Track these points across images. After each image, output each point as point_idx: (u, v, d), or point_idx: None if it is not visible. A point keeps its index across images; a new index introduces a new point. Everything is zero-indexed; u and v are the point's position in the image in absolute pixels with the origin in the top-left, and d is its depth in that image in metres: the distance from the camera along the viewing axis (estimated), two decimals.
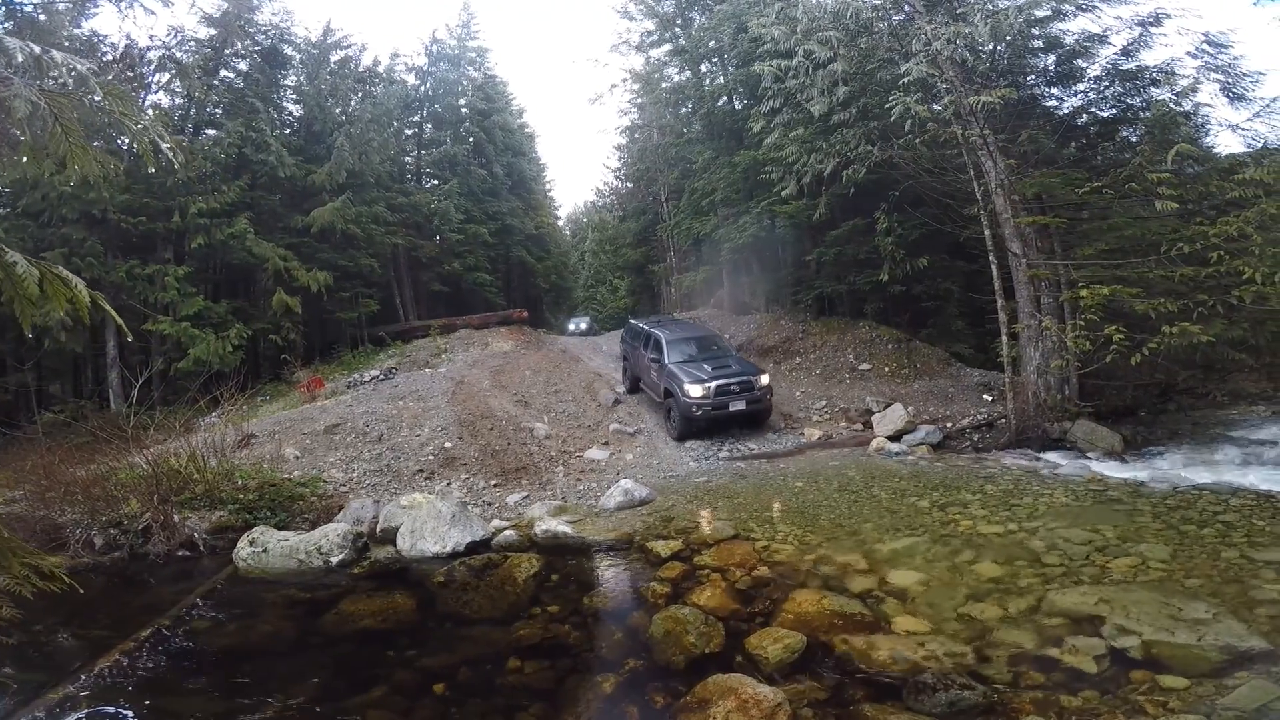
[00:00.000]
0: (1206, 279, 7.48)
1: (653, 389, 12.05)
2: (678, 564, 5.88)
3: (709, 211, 19.96)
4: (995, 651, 4.00)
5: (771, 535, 6.38)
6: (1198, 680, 3.36)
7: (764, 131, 13.83)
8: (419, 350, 18.71)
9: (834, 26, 11.10)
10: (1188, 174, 8.87)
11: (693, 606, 4.97)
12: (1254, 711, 2.96)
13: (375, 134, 22.53)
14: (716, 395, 10.39)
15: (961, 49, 9.51)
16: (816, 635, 4.40)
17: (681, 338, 12.07)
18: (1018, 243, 9.50)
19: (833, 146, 12.10)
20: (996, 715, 3.37)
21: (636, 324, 13.89)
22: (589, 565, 6.21)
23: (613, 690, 4.05)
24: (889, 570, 5.38)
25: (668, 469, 9.75)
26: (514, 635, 4.90)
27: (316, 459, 9.88)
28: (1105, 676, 3.56)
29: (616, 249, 37.62)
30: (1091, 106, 10.91)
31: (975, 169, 10.16)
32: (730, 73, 18.63)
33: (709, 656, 4.30)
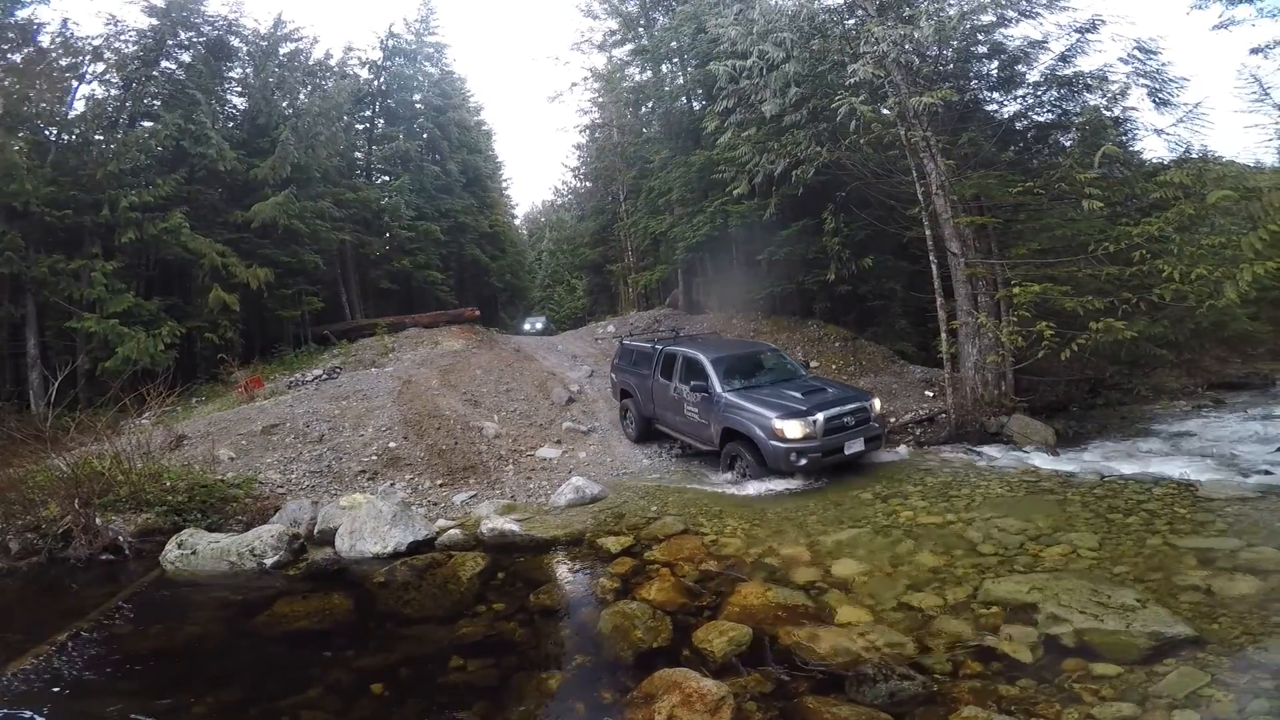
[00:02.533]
0: (1130, 278, 7.87)
1: (690, 433, 9.11)
2: (628, 559, 5.85)
3: (665, 210, 20.04)
4: (935, 641, 4.07)
5: (720, 529, 6.40)
6: (1129, 668, 3.43)
7: (718, 131, 13.93)
8: (365, 349, 18.17)
9: (789, 28, 11.25)
10: (1115, 177, 9.29)
11: (641, 601, 4.95)
12: (1184, 698, 3.03)
13: (323, 128, 21.88)
14: (827, 434, 7.53)
15: (909, 53, 9.74)
16: (761, 628, 4.42)
17: (730, 355, 9.32)
18: (956, 243, 9.79)
19: (784, 147, 12.25)
20: (936, 705, 3.39)
21: (639, 345, 10.94)
22: (537, 562, 6.11)
23: (559, 687, 4.00)
24: (832, 562, 5.44)
25: (621, 467, 9.71)
26: (457, 633, 4.78)
27: (253, 460, 9.46)
28: (1041, 665, 3.62)
29: (574, 248, 37.44)
30: (1030, 111, 11.36)
31: (918, 170, 10.42)
32: (690, 73, 18.78)
33: (657, 651, 4.28)
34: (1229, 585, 4.25)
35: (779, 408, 7.73)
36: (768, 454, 7.57)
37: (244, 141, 20.52)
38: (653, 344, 10.43)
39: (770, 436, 7.51)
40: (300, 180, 20.59)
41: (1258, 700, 2.86)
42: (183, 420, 11.84)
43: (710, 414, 8.52)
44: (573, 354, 16.67)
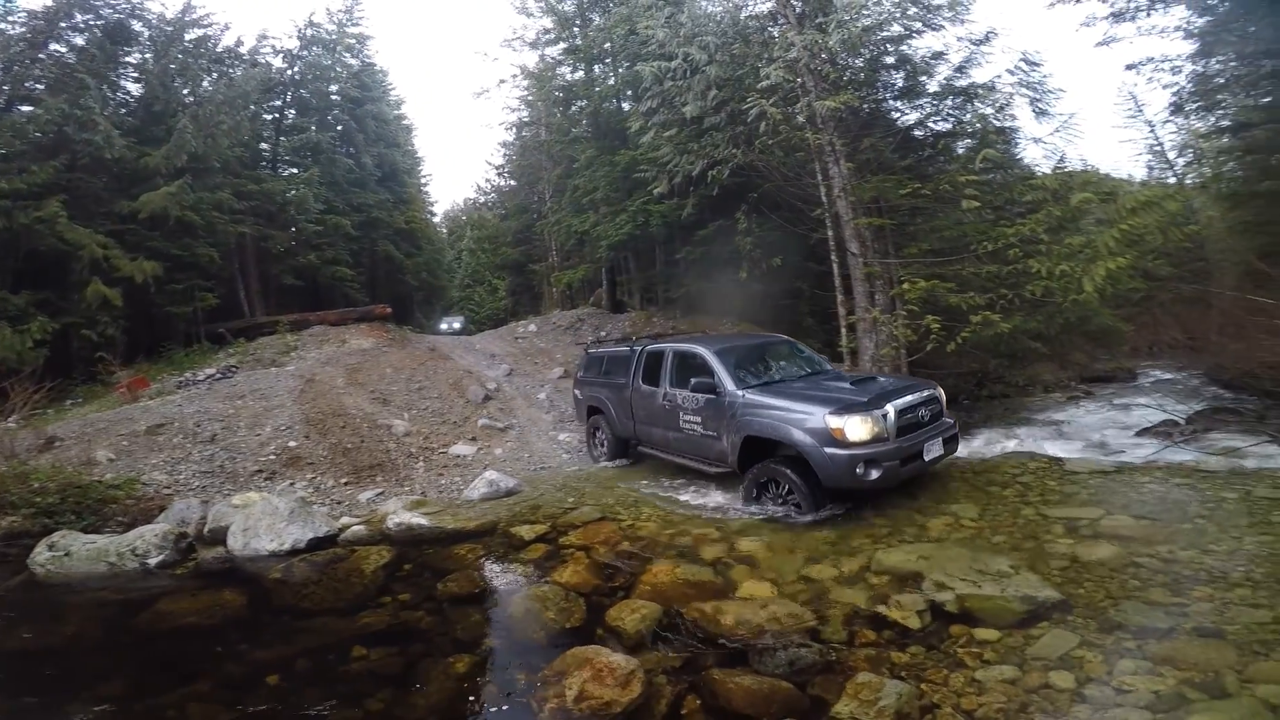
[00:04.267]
0: (1007, 275, 8.64)
1: (690, 451, 7.22)
2: (542, 545, 5.90)
3: (589, 209, 20.13)
4: (831, 611, 4.25)
5: (636, 515, 6.52)
6: (1007, 631, 3.63)
7: (642, 130, 14.15)
8: (265, 348, 17.23)
9: (713, 32, 11.61)
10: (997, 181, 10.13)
11: (554, 584, 5.01)
12: (1058, 660, 3.23)
13: (227, 117, 20.68)
14: (901, 434, 5.74)
15: (819, 59, 10.24)
16: (671, 604, 4.54)
17: (738, 346, 7.54)
18: (856, 243, 10.39)
19: (703, 148, 12.60)
20: (833, 672, 3.53)
21: (611, 350, 9.31)
22: (447, 553, 6.01)
23: (467, 669, 3.99)
24: (738, 539, 5.64)
25: (540, 462, 9.71)
26: (359, 624, 4.68)
27: (136, 461, 8.84)
28: (929, 631, 3.80)
29: (496, 247, 36.86)
30: (929, 120, 12.14)
31: (823, 174, 10.98)
32: (621, 74, 18.99)
33: (570, 631, 4.34)
34: (1091, 551, 4.59)
35: (828, 400, 5.80)
36: (823, 468, 5.51)
37: (136, 129, 19.17)
38: (630, 345, 8.78)
39: (824, 442, 5.49)
40: (198, 170, 19.39)
41: (1124, 660, 3.11)
42: (55, 422, 10.88)
43: (721, 423, 6.53)
44: (491, 353, 16.46)
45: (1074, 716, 2.76)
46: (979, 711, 2.91)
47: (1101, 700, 2.84)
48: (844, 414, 5.58)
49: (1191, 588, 3.76)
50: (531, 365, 15.62)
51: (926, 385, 6.56)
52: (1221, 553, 4.26)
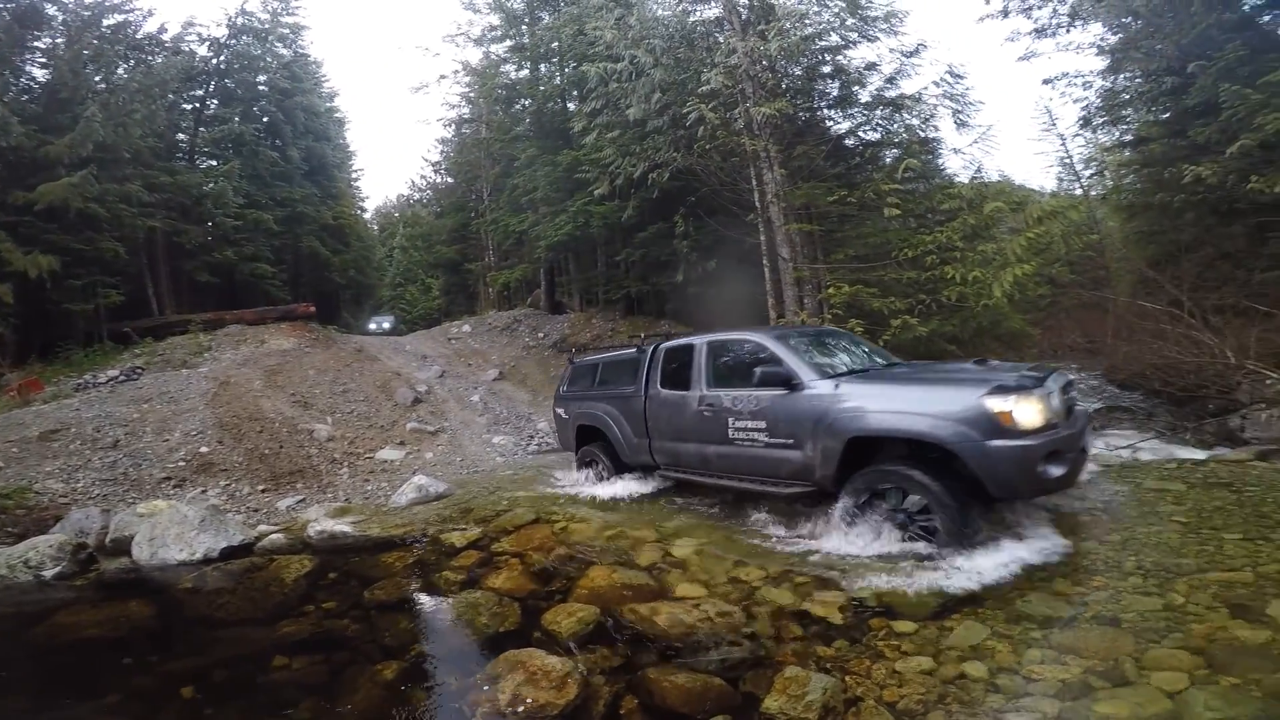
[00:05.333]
0: (925, 281, 9.10)
1: (750, 468, 5.73)
2: (474, 552, 5.81)
3: (528, 209, 19.94)
4: (760, 609, 4.33)
5: (571, 517, 6.52)
6: (923, 624, 3.73)
7: (585, 131, 14.15)
8: (175, 348, 16.27)
9: (661, 36, 11.72)
10: (919, 190, 10.63)
11: (487, 590, 4.96)
12: (970, 650, 3.35)
13: (141, 105, 19.52)
14: (1069, 423, 4.63)
15: (759, 66, 10.48)
16: (609, 607, 4.57)
17: (799, 332, 6.44)
18: (787, 248, 10.71)
19: (645, 151, 12.70)
20: (763, 667, 3.59)
21: (608, 356, 8.11)
22: (374, 561, 5.86)
23: (396, 676, 3.90)
24: (673, 542, 5.70)
25: (473, 465, 9.55)
26: (279, 633, 4.54)
27: (27, 469, 8.19)
28: (851, 625, 3.89)
29: (430, 245, 36.02)
30: (859, 129, 12.61)
31: (757, 179, 11.24)
32: (567, 74, 18.90)
33: (504, 635, 4.30)
34: None
35: (974, 380, 4.54)
36: (991, 469, 4.17)
37: (39, 116, 17.87)
38: (637, 346, 7.49)
39: (987, 432, 4.16)
40: (105, 160, 18.21)
41: (1031, 650, 3.24)
42: None
43: (802, 425, 5.15)
44: (422, 354, 16.07)
45: (987, 706, 2.87)
46: (900, 703, 3.01)
47: (1013, 690, 2.96)
48: (1008, 394, 4.20)
49: (1090, 578, 3.99)
50: (465, 367, 15.32)
51: (1053, 367, 5.42)
52: (1115, 543, 4.55)
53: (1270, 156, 8.83)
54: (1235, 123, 8.88)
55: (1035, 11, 12.56)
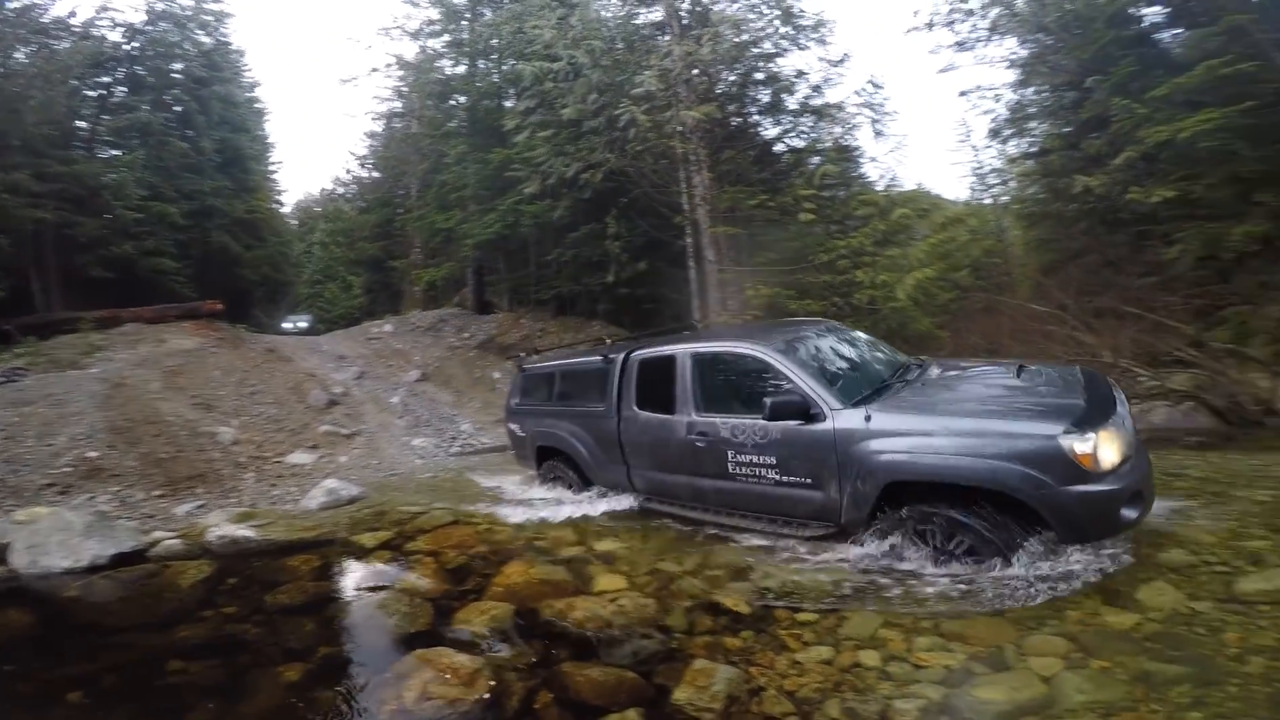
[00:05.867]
0: (839, 284, 9.51)
1: (757, 505, 4.98)
2: (387, 552, 5.72)
3: (457, 206, 19.59)
4: (675, 602, 4.41)
5: (493, 518, 6.44)
6: (823, 614, 3.89)
7: (518, 129, 14.06)
8: (63, 348, 15.02)
9: (601, 37, 11.76)
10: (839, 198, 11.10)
11: (398, 589, 4.89)
12: (866, 639, 3.53)
13: (39, 91, 18.03)
14: (1139, 452, 4.01)
15: (695, 72, 10.66)
16: (525, 603, 4.57)
17: (799, 341, 5.11)
18: (713, 250, 10.97)
19: (579, 151, 12.72)
20: (674, 660, 3.65)
21: (569, 364, 7.00)
22: (278, 565, 5.66)
23: (300, 677, 3.82)
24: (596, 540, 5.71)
25: (390, 468, 9.33)
26: (175, 638, 4.37)
27: None
28: (758, 617, 4.01)
29: (353, 242, 34.90)
30: (786, 135, 13.01)
31: (687, 181, 11.44)
32: (504, 71, 18.76)
33: (415, 635, 4.25)
34: None
35: (1043, 412, 3.94)
36: (1070, 519, 3.59)
37: None
38: (603, 354, 6.29)
39: (1065, 478, 3.53)
40: None
41: (920, 638, 3.42)
42: None
43: (823, 464, 4.39)
44: (339, 355, 15.53)
45: (879, 694, 3.01)
46: (800, 692, 3.14)
47: (903, 677, 3.13)
48: (1086, 431, 3.57)
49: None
50: (385, 368, 14.90)
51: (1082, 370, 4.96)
52: None
53: (1152, 168, 9.65)
54: (1122, 136, 9.63)
55: (958, 25, 13.26)
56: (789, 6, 11.87)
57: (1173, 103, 8.98)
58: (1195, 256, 9.13)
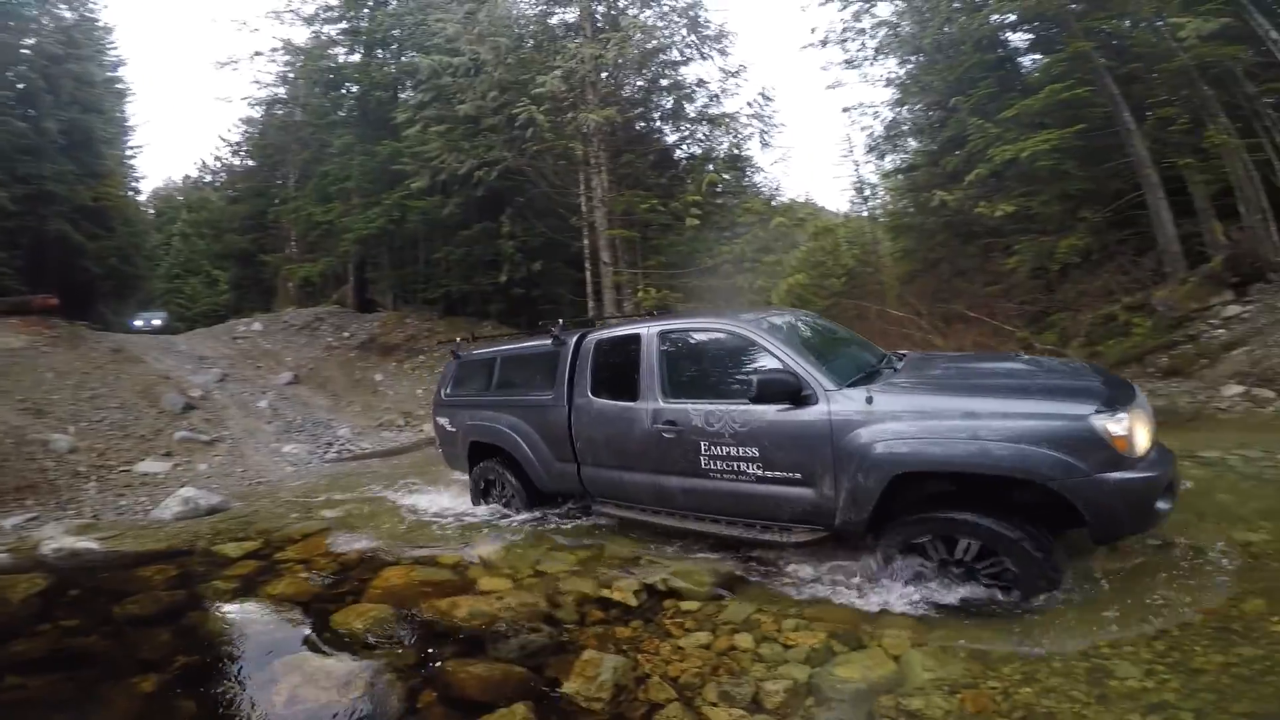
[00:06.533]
0: (723, 288, 9.95)
1: (734, 506, 4.36)
2: (253, 562, 5.46)
3: (337, 198, 18.62)
4: (564, 598, 4.45)
5: (370, 525, 6.25)
6: (704, 602, 4.05)
7: (409, 123, 13.63)
8: None
9: (507, 34, 11.58)
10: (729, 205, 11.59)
11: (265, 596, 4.72)
12: (742, 623, 3.71)
13: None
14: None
15: (601, 75, 10.72)
16: (405, 606, 4.49)
17: (782, 324, 4.61)
18: (608, 252, 11.14)
19: (475, 148, 12.52)
20: (565, 653, 3.71)
21: (501, 351, 6.41)
22: (127, 577, 5.25)
23: (157, 687, 3.60)
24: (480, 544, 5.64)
25: (257, 476, 8.79)
26: (9, 653, 4.04)
27: None
28: (646, 607, 4.12)
29: (219, 233, 32.33)
30: (684, 142, 13.41)
31: (586, 184, 11.55)
32: (402, 62, 18.08)
33: (285, 641, 4.11)
34: None
35: (1067, 392, 3.60)
36: (1105, 510, 3.18)
37: None
38: (554, 335, 5.61)
39: (1098, 464, 3.15)
40: None
41: (788, 620, 3.65)
42: None
43: (815, 455, 3.84)
44: (199, 355, 14.36)
45: (752, 675, 3.19)
46: (682, 677, 3.27)
47: (773, 657, 3.33)
48: (1117, 410, 3.26)
49: (832, 556, 4.32)
50: (253, 369, 13.93)
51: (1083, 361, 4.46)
52: None
53: (1000, 185, 10.76)
54: (976, 153, 10.67)
55: (850, 44, 14.20)
56: (696, 16, 12.33)
57: (1020, 123, 10.04)
58: (1030, 267, 10.33)
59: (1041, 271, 10.35)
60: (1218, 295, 8.49)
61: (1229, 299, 8.42)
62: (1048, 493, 3.21)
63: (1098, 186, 10.15)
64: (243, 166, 32.31)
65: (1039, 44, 12.18)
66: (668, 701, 3.06)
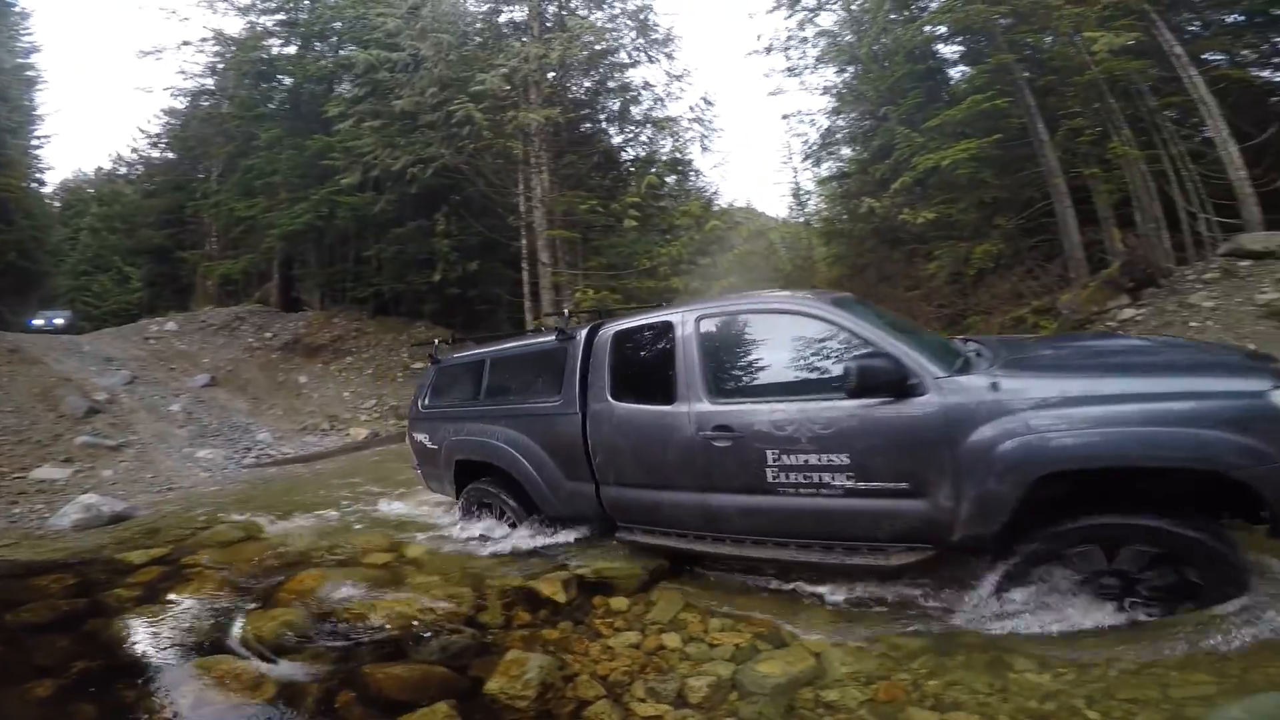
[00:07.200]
0: (661, 290, 10.16)
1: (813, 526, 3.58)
2: (159, 568, 5.28)
3: (262, 193, 17.97)
4: (491, 599, 4.39)
5: (287, 531, 6.12)
6: (634, 599, 4.11)
7: (342, 117, 13.34)
8: None
9: (452, 31, 11.44)
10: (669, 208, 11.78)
11: (175, 602, 4.59)
12: (669, 621, 3.77)
13: None
14: None
15: (554, 76, 10.71)
16: (323, 608, 4.39)
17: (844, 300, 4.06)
18: (547, 252, 11.17)
19: (411, 144, 12.36)
20: (489, 654, 3.68)
21: (492, 352, 5.58)
22: (20, 585, 5.02)
23: (53, 693, 3.47)
24: (406, 546, 5.60)
25: (168, 482, 8.49)
26: None
27: None
28: (575, 605, 4.14)
29: (133, 229, 30.75)
30: (628, 144, 13.56)
31: (526, 184, 11.56)
32: (339, 56, 17.64)
33: (193, 645, 3.99)
34: None
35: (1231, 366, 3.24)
36: None
37: None
38: (559, 332, 4.84)
39: None
40: None
41: (714, 619, 3.72)
42: None
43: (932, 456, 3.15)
44: (106, 356, 13.64)
45: (679, 673, 3.25)
46: (611, 677, 3.32)
47: (699, 656, 3.41)
48: None
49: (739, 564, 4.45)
50: (165, 371, 13.32)
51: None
52: None
53: (924, 192, 11.33)
54: (902, 161, 11.17)
55: (792, 52, 14.65)
56: (645, 19, 12.49)
57: (943, 133, 10.56)
58: (948, 272, 10.91)
59: (959, 276, 10.94)
60: (1115, 299, 9.20)
61: (1125, 302, 9.14)
62: (1189, 485, 2.83)
63: (1012, 195, 10.80)
64: (162, 159, 31.11)
65: (968, 56, 12.80)
66: (596, 699, 3.10)
